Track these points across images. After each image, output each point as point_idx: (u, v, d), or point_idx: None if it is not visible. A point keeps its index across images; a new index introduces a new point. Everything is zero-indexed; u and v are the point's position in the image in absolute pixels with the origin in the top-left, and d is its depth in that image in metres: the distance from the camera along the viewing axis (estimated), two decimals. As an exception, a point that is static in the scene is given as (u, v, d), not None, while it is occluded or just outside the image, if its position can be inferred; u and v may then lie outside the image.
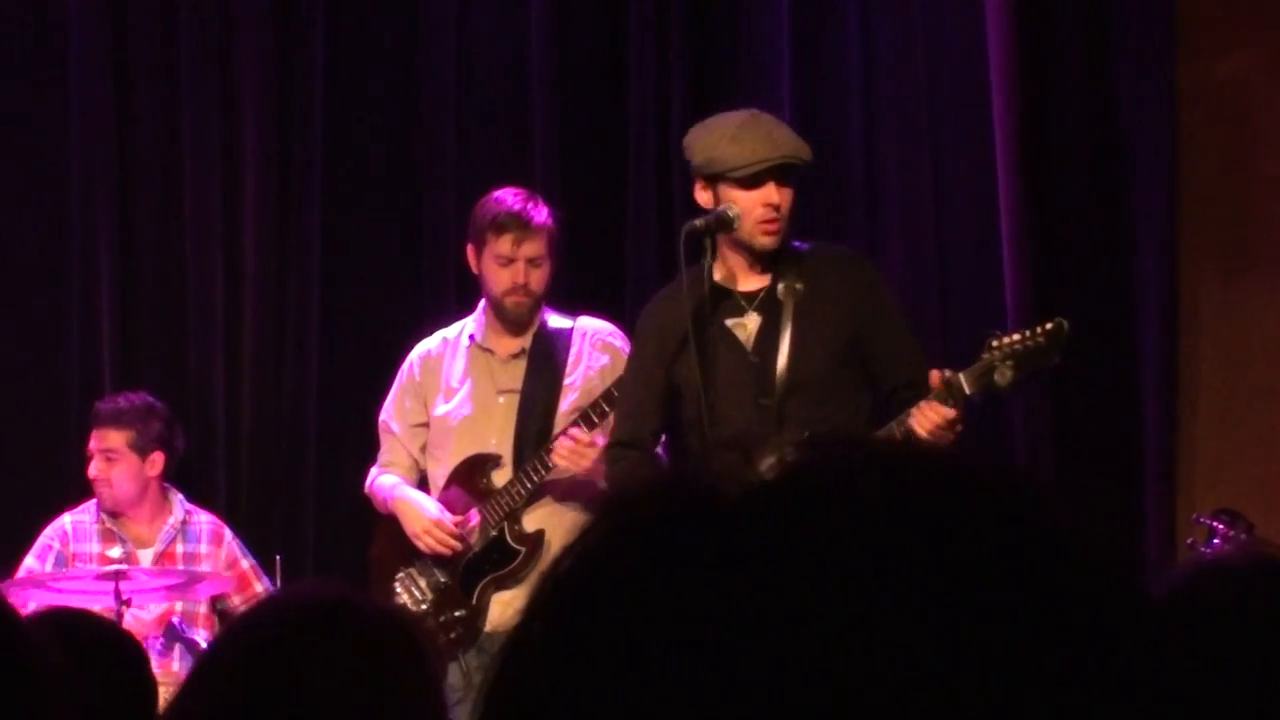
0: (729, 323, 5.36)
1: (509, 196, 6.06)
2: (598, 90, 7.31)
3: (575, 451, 5.80)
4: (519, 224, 5.97)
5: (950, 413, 5.11)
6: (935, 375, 5.17)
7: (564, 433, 5.84)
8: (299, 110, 7.32)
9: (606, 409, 5.79)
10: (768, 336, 5.33)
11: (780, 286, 5.34)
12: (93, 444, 6.66)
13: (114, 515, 6.65)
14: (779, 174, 5.24)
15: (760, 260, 5.35)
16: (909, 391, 5.24)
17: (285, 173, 7.31)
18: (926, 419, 5.10)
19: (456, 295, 6.97)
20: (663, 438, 5.64)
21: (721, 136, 5.28)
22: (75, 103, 7.30)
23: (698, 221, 5.33)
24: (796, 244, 5.45)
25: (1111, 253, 6.68)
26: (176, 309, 7.27)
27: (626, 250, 7.15)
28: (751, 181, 5.23)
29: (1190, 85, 6.66)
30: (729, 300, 5.37)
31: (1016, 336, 5.19)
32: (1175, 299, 6.59)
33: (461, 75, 7.34)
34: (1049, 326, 5.19)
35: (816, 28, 7.11)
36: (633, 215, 7.16)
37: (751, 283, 5.38)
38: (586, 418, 5.81)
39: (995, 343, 5.18)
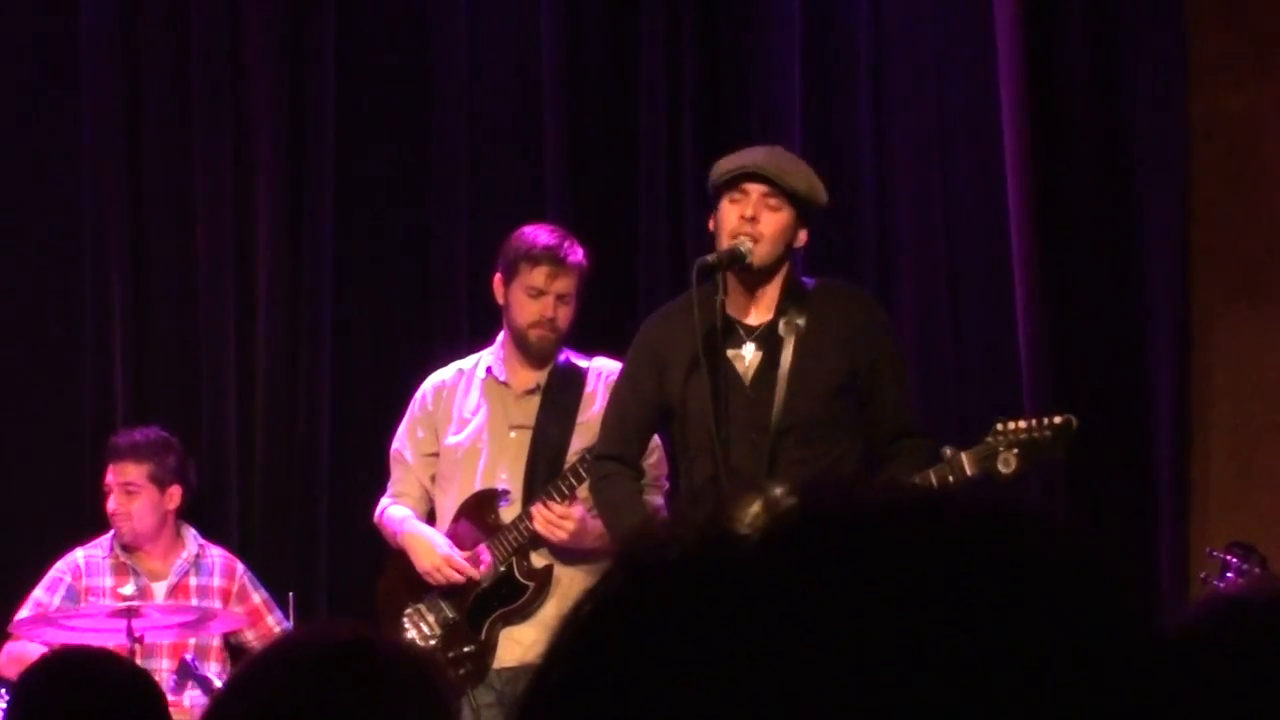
0: (729, 354, 5.35)
1: (545, 232, 6.09)
2: (610, 121, 7.31)
3: (551, 522, 5.83)
4: (554, 259, 5.99)
5: None
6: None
7: (540, 501, 5.86)
8: (311, 143, 7.32)
9: (575, 480, 5.81)
10: (766, 372, 5.32)
11: (782, 321, 5.34)
12: (111, 478, 6.65)
13: (130, 549, 6.65)
14: (762, 190, 5.25)
15: (762, 291, 5.35)
16: (898, 442, 5.24)
17: (297, 206, 7.31)
18: None
19: (469, 329, 6.97)
20: (652, 459, 5.66)
21: (726, 156, 5.40)
22: (87, 138, 7.31)
23: (710, 256, 5.34)
24: (805, 280, 5.45)
25: (1124, 286, 6.67)
26: (189, 342, 7.27)
27: (639, 282, 7.15)
28: (730, 186, 5.29)
29: (1202, 118, 6.67)
30: (729, 329, 5.36)
31: (1023, 424, 5.16)
32: (1188, 332, 6.58)
33: (473, 107, 7.35)
34: (1058, 421, 5.16)
35: (827, 57, 7.12)
36: (645, 246, 7.16)
37: (753, 315, 5.38)
38: (559, 488, 5.84)
39: (1001, 427, 5.15)
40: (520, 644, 5.90)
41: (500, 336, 6.17)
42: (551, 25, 7.24)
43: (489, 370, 6.15)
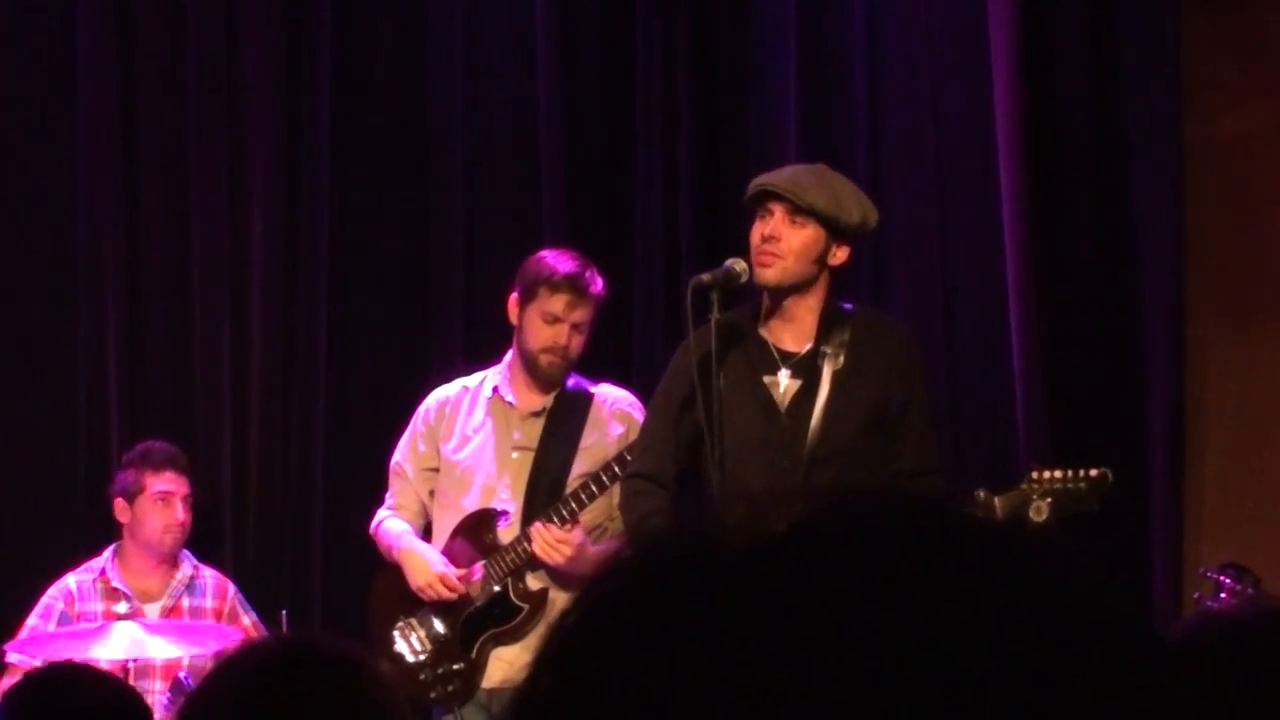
0: (765, 380, 5.34)
1: (568, 259, 6.05)
2: (605, 142, 7.32)
3: (549, 545, 5.82)
4: (576, 288, 5.96)
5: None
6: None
7: (541, 521, 5.85)
8: (306, 164, 7.32)
9: (577, 505, 5.80)
10: (803, 401, 5.31)
11: (822, 352, 5.33)
12: (174, 487, 6.59)
13: (132, 566, 6.61)
14: (784, 208, 5.24)
15: (798, 314, 5.34)
16: (911, 480, 5.23)
17: (292, 228, 7.31)
18: None
19: (464, 350, 6.97)
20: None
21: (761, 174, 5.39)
22: (84, 157, 7.30)
23: (704, 275, 5.34)
24: (845, 306, 5.43)
25: (1118, 308, 6.67)
26: (183, 360, 7.27)
27: (634, 303, 7.14)
28: (756, 204, 5.28)
29: (1196, 140, 6.67)
30: (765, 354, 5.36)
31: (1059, 474, 5.16)
32: (1182, 353, 6.58)
33: (468, 130, 7.35)
34: (1093, 474, 5.17)
35: (823, 81, 7.12)
36: (641, 267, 7.16)
37: (791, 341, 5.37)
38: (559, 512, 5.83)
39: (1036, 475, 5.16)
40: (512, 665, 5.89)
41: (508, 356, 6.15)
42: (546, 48, 7.25)
43: (495, 389, 6.13)
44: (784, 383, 5.34)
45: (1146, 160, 6.66)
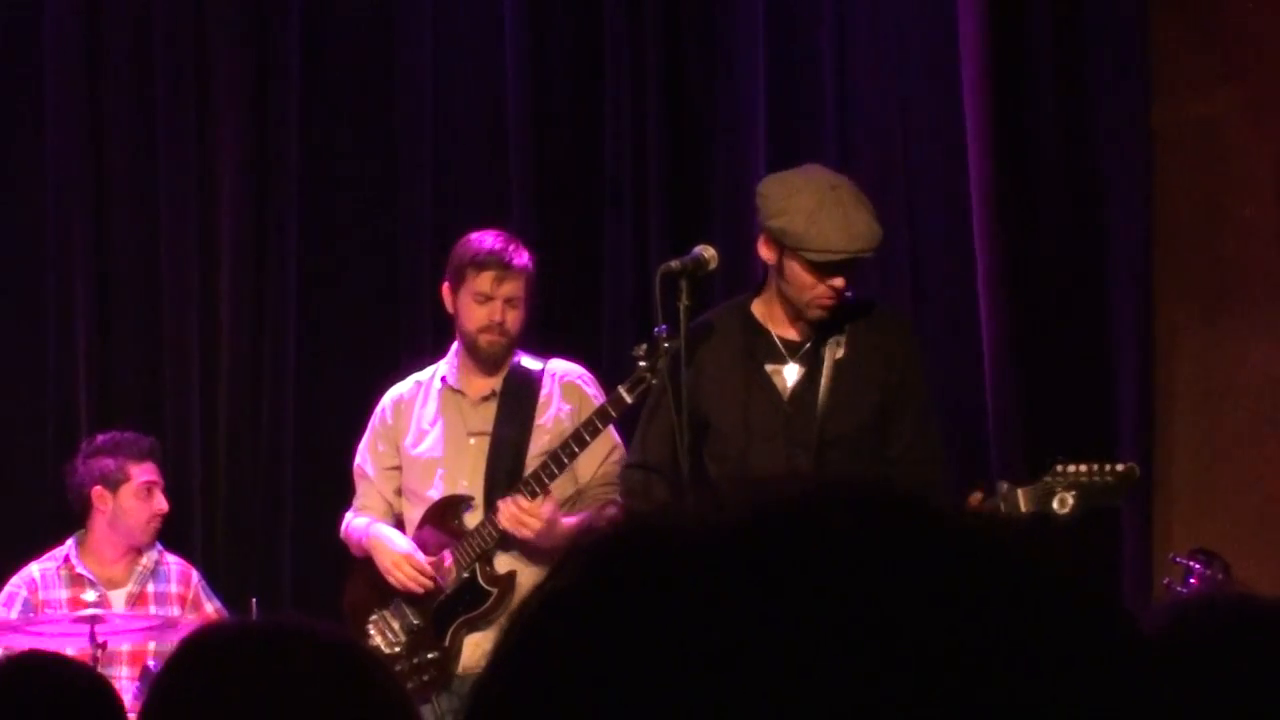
0: (767, 368, 5.36)
1: (490, 237, 6.08)
2: (574, 129, 7.32)
3: (517, 518, 5.81)
4: (500, 263, 5.98)
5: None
6: (975, 498, 5.16)
7: (509, 497, 5.85)
8: (275, 157, 7.31)
9: (548, 477, 5.80)
10: (806, 390, 5.33)
11: (824, 342, 5.35)
12: (156, 478, 6.61)
13: (94, 554, 6.60)
14: (848, 263, 5.23)
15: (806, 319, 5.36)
16: (906, 467, 5.23)
17: (260, 221, 7.30)
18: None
19: (433, 339, 6.96)
20: (614, 457, 5.78)
21: (800, 210, 5.22)
22: (51, 141, 7.28)
23: (674, 263, 5.35)
24: (846, 294, 5.42)
25: (1087, 294, 6.69)
26: (153, 350, 7.26)
27: (603, 291, 7.15)
28: (821, 269, 5.22)
29: (1164, 126, 6.68)
30: (769, 344, 5.37)
31: (1084, 467, 5.16)
32: (1151, 340, 6.60)
33: (437, 118, 7.34)
34: (1120, 469, 5.17)
35: (791, 68, 7.13)
36: (610, 255, 7.16)
37: (795, 332, 5.38)
38: (529, 486, 5.82)
39: (1060, 468, 5.15)
40: (483, 650, 5.89)
41: (454, 346, 6.17)
42: (516, 32, 7.24)
43: (444, 380, 6.15)
44: (787, 372, 5.35)
45: (1115, 148, 6.67)
